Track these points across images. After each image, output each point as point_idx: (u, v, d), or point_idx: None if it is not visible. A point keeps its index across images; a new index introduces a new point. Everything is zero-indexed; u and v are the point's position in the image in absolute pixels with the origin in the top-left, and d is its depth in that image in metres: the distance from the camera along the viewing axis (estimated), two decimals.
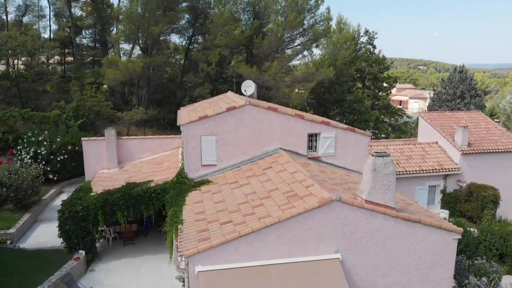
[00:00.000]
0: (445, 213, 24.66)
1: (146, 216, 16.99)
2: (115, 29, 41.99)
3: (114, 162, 21.81)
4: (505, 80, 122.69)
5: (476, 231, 21.53)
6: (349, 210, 11.50)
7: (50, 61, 48.83)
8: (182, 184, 16.14)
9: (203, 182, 16.11)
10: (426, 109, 44.75)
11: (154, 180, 17.38)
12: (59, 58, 50.61)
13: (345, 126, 17.84)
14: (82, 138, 22.37)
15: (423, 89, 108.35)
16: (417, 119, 63.05)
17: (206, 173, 16.80)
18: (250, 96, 22.34)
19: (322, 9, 48.79)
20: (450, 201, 24.91)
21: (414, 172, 23.59)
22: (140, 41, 33.41)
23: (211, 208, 13.26)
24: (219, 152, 16.84)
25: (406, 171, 23.49)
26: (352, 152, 17.91)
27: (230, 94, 21.78)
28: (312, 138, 17.69)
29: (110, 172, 21.42)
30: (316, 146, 17.74)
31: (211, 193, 14.72)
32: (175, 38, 41.25)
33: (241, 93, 22.58)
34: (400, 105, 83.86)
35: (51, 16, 49.92)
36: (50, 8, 49.72)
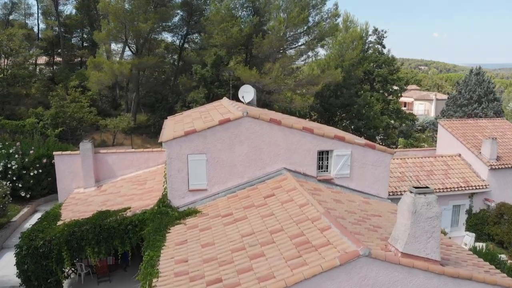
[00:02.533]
0: (470, 236, 21.69)
1: (120, 253, 13.98)
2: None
3: (90, 180, 18.80)
4: (510, 81, 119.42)
5: (507, 259, 18.61)
6: (380, 268, 8.49)
7: (38, 62, 45.98)
8: (164, 215, 13.15)
9: (190, 212, 13.13)
10: (440, 114, 41.58)
11: (132, 208, 14.40)
12: (47, 59, 47.89)
13: (363, 141, 14.83)
14: (54, 153, 19.37)
15: (427, 90, 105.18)
16: (423, 122, 60.24)
17: (194, 199, 13.83)
18: (249, 103, 19.47)
19: (329, 4, 45.71)
20: (476, 223, 21.89)
21: (437, 190, 20.56)
22: (129, 41, 30.38)
23: (196, 255, 10.24)
24: (210, 174, 13.87)
25: None
26: (372, 173, 14.89)
27: (225, 101, 18.79)
28: (323, 156, 14.69)
29: (86, 193, 18.44)
30: (328, 166, 14.74)
31: (198, 230, 11.72)
32: (168, 38, 38.16)
33: (238, 99, 19.74)
34: (405, 107, 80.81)
35: (39, 14, 47.18)
36: (38, 6, 46.96)
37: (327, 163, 14.73)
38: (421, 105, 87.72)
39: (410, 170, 21.56)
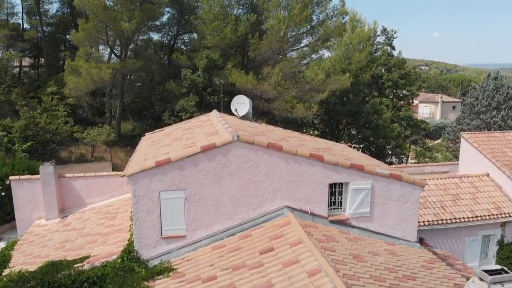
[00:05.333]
0: None
1: None
2: None
3: (53, 211, 15.68)
4: None
5: None
6: None
7: (23, 65, 43.00)
8: (128, 273, 10.05)
9: (161, 270, 10.01)
10: (455, 122, 38.41)
11: (92, 257, 11.27)
12: (31, 61, 44.86)
13: (387, 171, 11.68)
14: (11, 177, 16.26)
15: (431, 92, 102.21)
16: (429, 126, 56.82)
17: (169, 249, 10.72)
18: (243, 117, 16.39)
19: (335, 1, 42.47)
20: (508, 256, 18.77)
21: (465, 219, 17.44)
22: (111, 42, 27.22)
23: None
24: (190, 216, 10.76)
25: (455, 218, 17.32)
26: (397, 211, 11.77)
27: (214, 116, 15.63)
28: (336, 190, 11.58)
29: (47, 226, 15.36)
30: (342, 203, 11.63)
31: None
32: (156, 38, 34.93)
33: (231, 112, 16.72)
34: None
35: (23, 14, 44.15)
36: (22, 5, 43.86)
37: (341, 198, 11.62)
38: (426, 108, 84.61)
39: (433, 194, 18.42)
